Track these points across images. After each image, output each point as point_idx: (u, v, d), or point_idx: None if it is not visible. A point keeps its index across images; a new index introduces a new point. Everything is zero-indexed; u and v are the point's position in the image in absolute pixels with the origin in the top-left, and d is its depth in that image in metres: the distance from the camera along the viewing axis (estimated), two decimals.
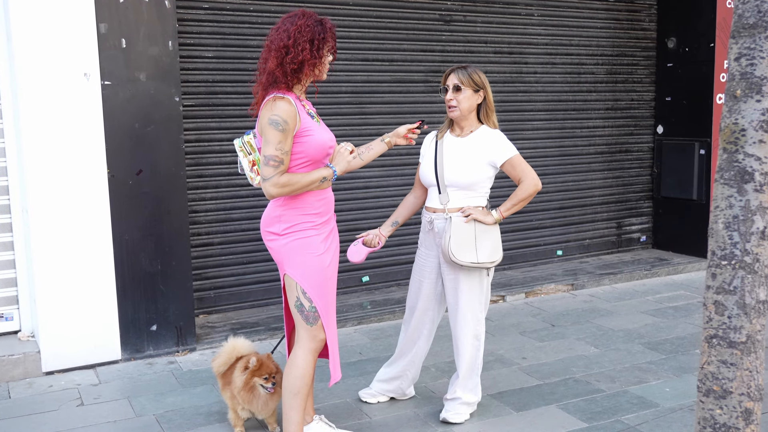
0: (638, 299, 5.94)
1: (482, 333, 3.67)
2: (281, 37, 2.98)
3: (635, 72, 7.16)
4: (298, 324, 3.11)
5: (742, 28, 1.83)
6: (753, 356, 1.85)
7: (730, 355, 1.85)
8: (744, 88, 1.81)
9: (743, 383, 1.84)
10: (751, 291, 1.82)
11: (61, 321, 4.34)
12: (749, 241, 1.81)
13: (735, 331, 1.84)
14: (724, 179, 1.87)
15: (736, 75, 1.84)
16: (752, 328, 1.83)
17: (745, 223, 1.80)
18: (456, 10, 6.13)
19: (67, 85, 4.23)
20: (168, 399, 4.02)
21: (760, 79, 1.81)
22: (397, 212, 3.85)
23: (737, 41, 1.85)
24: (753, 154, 1.84)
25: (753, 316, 1.81)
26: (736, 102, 1.85)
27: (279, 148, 2.91)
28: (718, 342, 1.87)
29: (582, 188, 7.00)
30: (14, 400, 4.03)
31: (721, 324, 1.86)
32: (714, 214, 1.88)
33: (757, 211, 1.81)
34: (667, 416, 3.71)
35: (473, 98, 3.55)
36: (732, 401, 1.88)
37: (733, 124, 1.86)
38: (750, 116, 1.83)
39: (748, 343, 1.84)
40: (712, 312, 1.87)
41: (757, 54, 1.81)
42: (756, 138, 1.84)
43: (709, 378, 1.93)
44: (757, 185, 1.82)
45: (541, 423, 3.67)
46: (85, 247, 4.35)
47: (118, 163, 4.40)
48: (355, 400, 3.95)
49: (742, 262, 1.83)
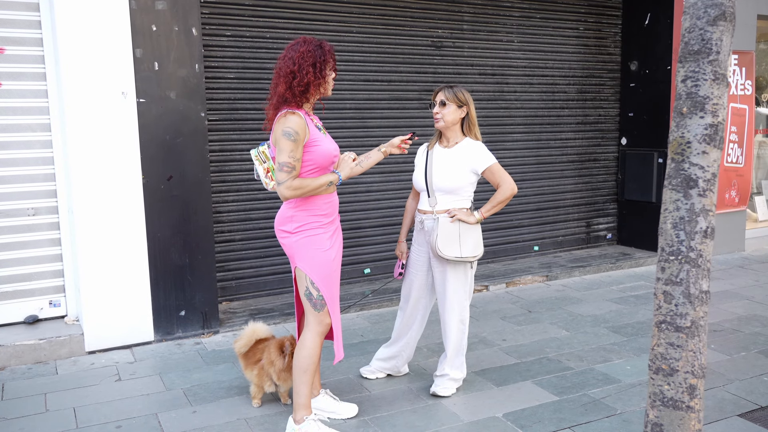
0: (604, 289, 5.94)
1: (467, 318, 3.67)
2: (287, 64, 2.98)
3: (602, 91, 7.16)
4: (307, 310, 3.12)
5: (688, 54, 1.84)
6: (696, 339, 1.85)
7: (677, 338, 1.86)
8: (689, 106, 1.82)
9: (688, 363, 1.85)
10: (695, 282, 1.83)
11: (102, 307, 4.35)
12: (693, 239, 1.82)
13: (681, 318, 1.84)
14: (672, 185, 1.88)
15: (683, 95, 1.85)
16: (696, 315, 1.83)
17: (690, 223, 1.81)
18: (446, 37, 6.14)
19: (107, 103, 4.24)
20: (194, 375, 4.03)
21: (703, 98, 1.82)
22: (406, 219, 3.87)
23: (684, 65, 1.86)
24: (697, 163, 1.84)
25: (697, 304, 1.82)
26: (683, 118, 1.86)
27: (291, 156, 2.92)
28: (666, 327, 1.88)
29: (556, 192, 7.00)
30: (61, 376, 4.04)
31: (669, 311, 1.87)
32: (663, 216, 1.89)
33: (701, 213, 1.81)
34: (628, 390, 3.72)
35: (456, 113, 3.56)
36: (678, 378, 1.89)
37: (680, 137, 1.87)
38: (694, 131, 1.84)
39: (692, 327, 1.84)
40: (661, 301, 1.88)
41: (700, 76, 1.82)
42: (700, 149, 1.84)
43: (659, 358, 1.94)
44: (701, 190, 1.82)
45: (519, 396, 3.67)
46: (123, 243, 4.36)
47: (151, 170, 4.41)
48: (357, 377, 3.96)
49: (688, 257, 1.83)
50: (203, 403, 3.64)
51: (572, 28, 6.83)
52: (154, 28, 4.33)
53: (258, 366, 3.51)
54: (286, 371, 3.41)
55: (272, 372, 3.44)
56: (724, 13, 1.76)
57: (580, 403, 3.57)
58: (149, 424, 3.40)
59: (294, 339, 3.44)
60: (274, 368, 3.43)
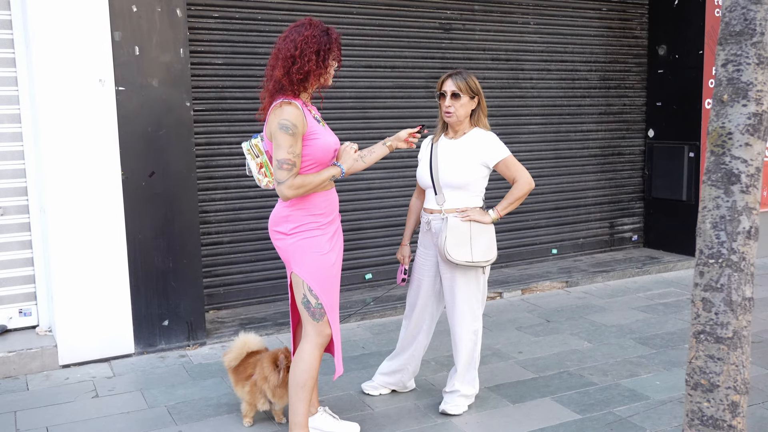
0: (630, 296, 5.93)
1: (479, 329, 3.66)
2: (288, 47, 2.96)
3: (627, 78, 7.14)
4: (305, 320, 3.10)
5: (728, 35, 1.82)
6: (739, 351, 1.84)
7: (717, 350, 1.84)
8: (731, 93, 1.80)
9: (730, 377, 1.83)
10: (737, 288, 1.81)
11: (77, 316, 4.34)
12: (735, 240, 1.80)
13: (722, 327, 1.83)
14: (711, 181, 1.86)
15: (723, 80, 1.83)
16: (738, 324, 1.82)
17: (731, 223, 1.79)
18: (455, 19, 6.12)
19: (82, 91, 4.23)
20: (179, 391, 4.02)
21: (746, 84, 1.80)
22: (410, 220, 3.87)
23: (724, 48, 1.84)
24: (739, 156, 1.83)
25: (739, 312, 1.80)
26: (723, 106, 1.84)
27: (291, 152, 2.90)
28: (705, 337, 1.86)
29: (576, 189, 6.99)
30: (32, 392, 4.03)
31: (708, 320, 1.85)
32: (702, 215, 1.87)
33: (743, 211, 1.80)
34: (657, 408, 3.70)
35: (469, 105, 3.55)
36: (719, 395, 1.87)
37: (720, 127, 1.85)
38: (736, 120, 1.82)
39: (734, 338, 1.83)
40: (699, 309, 1.86)
41: (743, 60, 1.80)
42: (742, 141, 1.83)
43: (697, 372, 1.92)
44: (743, 186, 1.80)
45: (537, 414, 3.66)
46: (100, 245, 4.35)
47: (131, 165, 4.40)
48: (358, 392, 3.94)
49: (729, 260, 1.82)
50: (189, 422, 3.62)
51: (594, 9, 6.81)
52: (135, 8, 4.31)
53: (250, 382, 3.49)
54: (282, 387, 3.39)
55: (266, 388, 3.42)
56: None
57: (604, 422, 3.55)
58: None
59: (289, 351, 3.42)
60: (268, 384, 3.41)
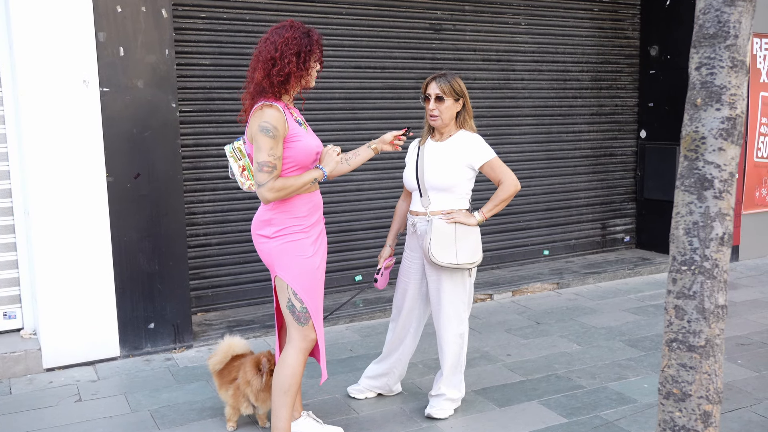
0: (621, 297, 5.90)
1: (465, 332, 3.62)
2: (268, 49, 2.94)
3: (619, 79, 7.12)
4: (290, 324, 3.06)
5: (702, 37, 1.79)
6: (712, 360, 1.80)
7: (690, 359, 1.80)
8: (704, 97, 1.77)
9: (702, 386, 1.79)
10: (710, 296, 1.77)
11: (62, 319, 4.29)
12: (708, 247, 1.76)
13: (694, 336, 1.79)
14: (684, 186, 1.82)
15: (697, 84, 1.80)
16: (711, 333, 1.78)
17: (704, 229, 1.75)
18: (446, 19, 6.09)
19: (66, 92, 4.18)
20: (163, 395, 3.98)
21: (719, 87, 1.77)
22: (396, 223, 3.84)
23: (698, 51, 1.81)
24: (713, 161, 1.79)
25: (712, 320, 1.76)
26: (697, 110, 1.81)
27: (271, 154, 2.87)
28: (677, 346, 1.82)
29: (568, 190, 6.96)
30: (15, 396, 3.99)
31: (680, 328, 1.81)
32: (675, 221, 1.83)
33: (717, 217, 1.75)
34: (645, 411, 3.67)
35: (454, 107, 3.52)
36: (691, 404, 1.83)
37: (693, 132, 1.82)
38: (710, 124, 1.79)
39: (707, 347, 1.79)
40: (672, 316, 1.82)
41: (716, 63, 1.77)
42: (715, 146, 1.79)
43: (669, 381, 1.88)
44: (717, 192, 1.76)
45: (523, 418, 3.63)
46: (85, 248, 4.30)
47: (116, 167, 4.36)
48: (344, 396, 3.91)
49: (702, 267, 1.78)
50: (172, 426, 3.59)
51: (586, 9, 6.79)
52: (119, 9, 4.27)
53: (233, 385, 3.46)
54: (265, 391, 3.35)
55: (249, 392, 3.39)
56: None
57: (591, 425, 3.52)
58: None
59: (272, 355, 3.39)
60: (251, 388, 3.37)
